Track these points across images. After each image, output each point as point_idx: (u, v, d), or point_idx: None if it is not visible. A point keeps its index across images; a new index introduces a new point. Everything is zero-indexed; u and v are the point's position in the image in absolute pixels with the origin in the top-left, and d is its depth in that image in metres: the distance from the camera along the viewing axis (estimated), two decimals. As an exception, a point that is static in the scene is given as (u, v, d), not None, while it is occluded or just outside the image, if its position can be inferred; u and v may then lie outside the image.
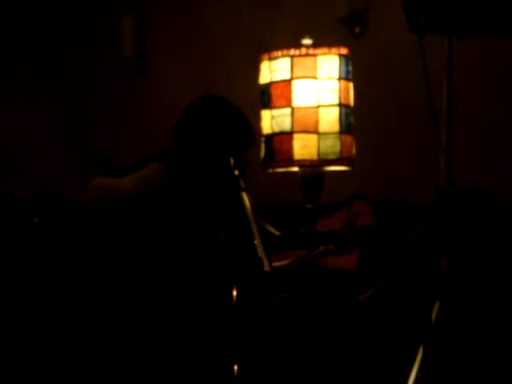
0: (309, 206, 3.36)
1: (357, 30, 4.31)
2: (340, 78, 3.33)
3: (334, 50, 3.32)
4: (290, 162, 3.31)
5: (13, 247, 3.25)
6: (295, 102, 3.31)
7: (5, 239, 3.21)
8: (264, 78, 3.37)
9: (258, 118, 3.39)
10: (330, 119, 3.30)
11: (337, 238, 3.08)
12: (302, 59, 3.31)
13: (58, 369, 3.08)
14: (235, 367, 2.55)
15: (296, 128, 3.30)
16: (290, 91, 3.31)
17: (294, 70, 3.31)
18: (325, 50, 3.31)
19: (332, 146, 3.30)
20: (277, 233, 3.08)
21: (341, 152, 3.32)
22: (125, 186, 2.63)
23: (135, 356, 2.64)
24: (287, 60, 3.31)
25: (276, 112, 3.33)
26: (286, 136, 3.31)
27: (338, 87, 3.32)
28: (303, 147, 3.29)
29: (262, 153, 3.37)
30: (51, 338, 3.16)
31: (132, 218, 2.58)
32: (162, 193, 2.69)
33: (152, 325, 2.64)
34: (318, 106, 3.31)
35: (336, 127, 3.31)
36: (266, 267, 2.40)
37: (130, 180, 2.67)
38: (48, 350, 3.18)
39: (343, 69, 3.33)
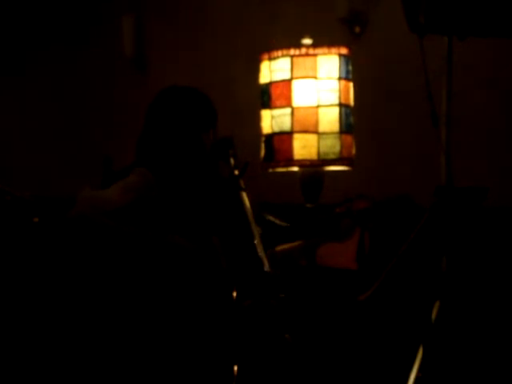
0: (309, 205, 3.36)
1: (357, 29, 4.32)
2: (340, 78, 3.32)
3: (333, 49, 3.32)
4: (290, 161, 3.31)
5: (13, 247, 3.24)
6: (295, 102, 3.31)
7: (5, 239, 3.21)
8: (264, 77, 3.37)
9: (258, 118, 3.39)
10: (330, 119, 3.30)
11: (334, 224, 3.07)
12: (301, 59, 3.31)
13: (55, 369, 3.07)
14: (235, 368, 2.55)
15: (296, 128, 3.30)
16: (289, 91, 3.31)
17: (294, 69, 3.31)
18: (325, 49, 3.31)
19: (332, 145, 3.30)
20: (283, 223, 3.08)
21: (341, 152, 3.31)
22: (111, 198, 2.61)
23: (135, 358, 2.64)
24: (287, 60, 3.31)
25: (276, 112, 3.33)
26: (285, 136, 3.31)
27: (338, 87, 3.32)
28: (303, 147, 3.28)
29: (262, 153, 3.37)
30: (50, 338, 3.16)
31: (123, 228, 2.56)
32: (152, 197, 2.67)
33: (151, 326, 2.63)
34: (318, 106, 3.30)
35: (336, 127, 3.31)
36: (266, 267, 2.40)
37: (117, 190, 2.64)
38: (47, 350, 3.18)
39: (343, 69, 3.33)
